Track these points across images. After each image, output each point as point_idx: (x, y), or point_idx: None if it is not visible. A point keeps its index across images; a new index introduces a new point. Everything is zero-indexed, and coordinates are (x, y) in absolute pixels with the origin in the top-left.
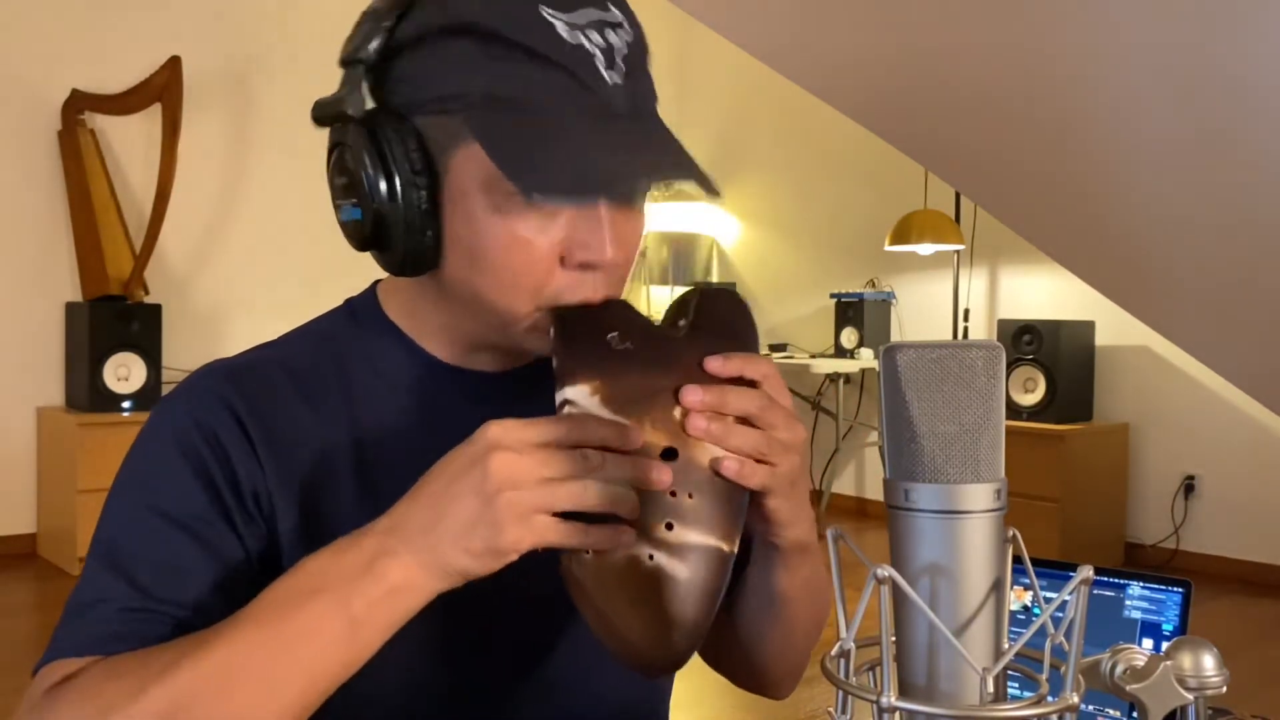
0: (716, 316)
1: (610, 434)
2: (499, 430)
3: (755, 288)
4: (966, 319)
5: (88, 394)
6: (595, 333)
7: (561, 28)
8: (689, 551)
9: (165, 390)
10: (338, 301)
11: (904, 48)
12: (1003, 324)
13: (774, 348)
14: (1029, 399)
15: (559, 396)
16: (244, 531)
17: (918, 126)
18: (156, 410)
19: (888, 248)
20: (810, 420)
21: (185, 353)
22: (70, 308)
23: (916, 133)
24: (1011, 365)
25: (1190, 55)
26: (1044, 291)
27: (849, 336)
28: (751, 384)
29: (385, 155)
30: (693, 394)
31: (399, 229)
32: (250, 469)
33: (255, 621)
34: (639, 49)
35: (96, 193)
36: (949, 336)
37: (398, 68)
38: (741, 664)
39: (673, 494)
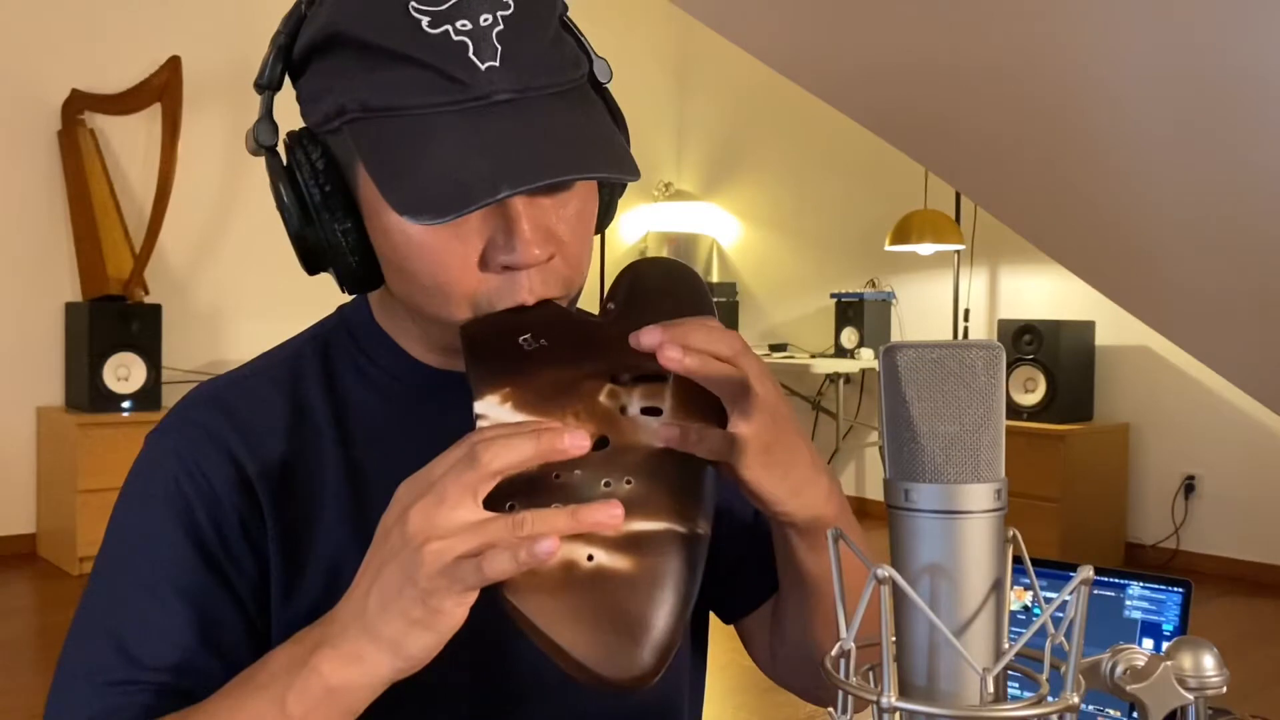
0: (650, 290)
1: (509, 438)
2: (405, 488)
3: (755, 288)
4: (966, 319)
5: (87, 394)
6: (504, 339)
7: (426, 22)
8: (635, 542)
9: (165, 390)
10: (336, 303)
11: (904, 49)
12: (1003, 324)
13: (774, 348)
14: (1029, 399)
15: (474, 413)
16: (236, 580)
17: (918, 126)
18: (146, 449)
19: (888, 248)
20: (810, 420)
21: (185, 353)
22: (70, 308)
23: (916, 133)
24: (1011, 365)
25: (1191, 57)
26: (1044, 291)
27: (849, 336)
28: None
29: (296, 181)
30: (650, 334)
31: (325, 253)
32: (239, 499)
33: (211, 713)
34: (522, 19)
35: (96, 193)
36: (949, 336)
37: (301, 88)
38: (797, 662)
39: (606, 485)
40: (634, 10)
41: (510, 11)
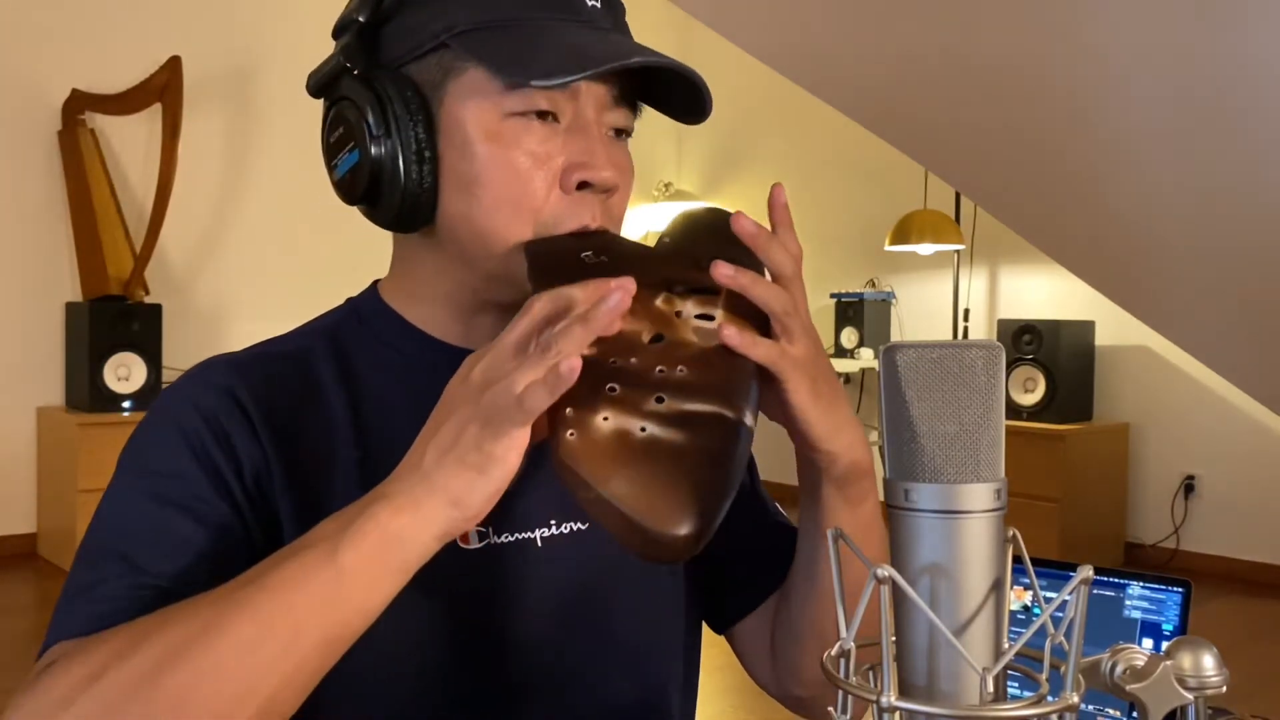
0: (702, 227)
1: (576, 294)
2: (471, 357)
3: None
4: (966, 319)
5: (88, 394)
6: (567, 254)
7: None
8: (686, 419)
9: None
10: (338, 301)
11: (904, 49)
12: (1003, 324)
13: None
14: (1029, 399)
15: None
16: (245, 509)
17: (918, 126)
18: (159, 397)
19: (888, 248)
20: None
21: (185, 353)
22: (70, 308)
23: (916, 133)
24: (1011, 365)
25: (1192, 58)
26: (1044, 291)
27: (849, 336)
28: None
29: (382, 98)
30: (746, 222)
31: (397, 170)
32: (252, 451)
33: (249, 576)
34: None
35: (96, 193)
36: (949, 336)
37: (388, 30)
38: (800, 658)
39: (660, 371)
40: (634, 10)
41: None
